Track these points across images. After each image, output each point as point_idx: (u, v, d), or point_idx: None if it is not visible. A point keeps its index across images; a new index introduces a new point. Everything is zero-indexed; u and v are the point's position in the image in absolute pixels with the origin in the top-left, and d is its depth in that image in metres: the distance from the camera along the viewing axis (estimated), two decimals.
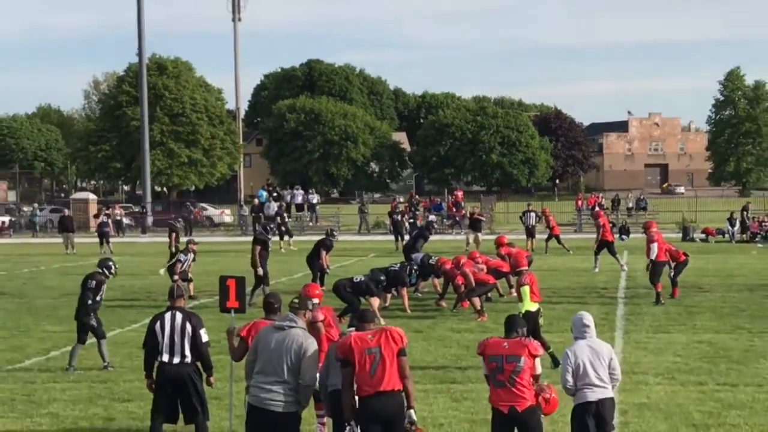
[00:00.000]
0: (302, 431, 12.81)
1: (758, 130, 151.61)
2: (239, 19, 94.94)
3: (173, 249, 38.41)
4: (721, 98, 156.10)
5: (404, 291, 29.76)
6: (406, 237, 58.75)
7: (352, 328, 12.97)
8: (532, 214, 56.52)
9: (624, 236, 51.74)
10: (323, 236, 36.70)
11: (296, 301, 12.93)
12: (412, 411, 12.27)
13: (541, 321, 20.41)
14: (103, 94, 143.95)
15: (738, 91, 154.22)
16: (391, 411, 12.15)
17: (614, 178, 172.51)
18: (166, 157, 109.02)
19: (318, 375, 12.71)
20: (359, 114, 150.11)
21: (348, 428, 12.23)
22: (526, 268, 21.25)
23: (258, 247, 32.77)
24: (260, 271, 32.29)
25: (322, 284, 33.38)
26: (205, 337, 14.60)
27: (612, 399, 12.72)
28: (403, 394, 12.27)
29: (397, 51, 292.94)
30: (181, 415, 14.75)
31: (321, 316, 14.27)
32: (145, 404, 17.69)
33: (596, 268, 40.78)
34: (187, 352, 14.39)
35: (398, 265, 30.84)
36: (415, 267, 31.17)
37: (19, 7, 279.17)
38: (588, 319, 12.94)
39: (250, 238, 38.05)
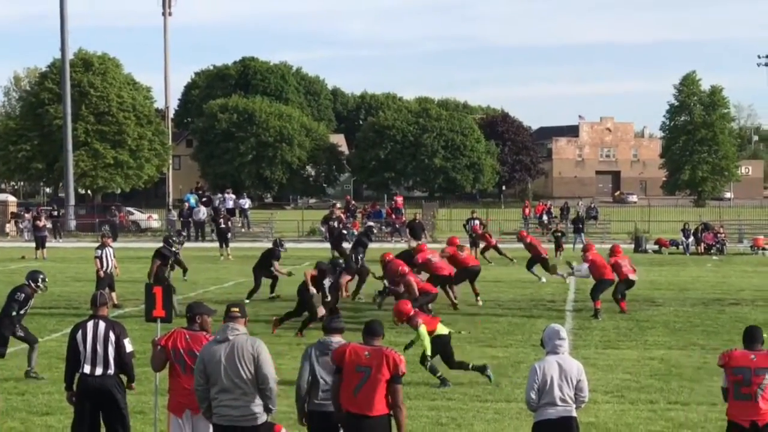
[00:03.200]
0: None
1: (714, 138, 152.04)
2: (170, 14, 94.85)
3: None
4: (676, 103, 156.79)
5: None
6: (344, 244, 59.05)
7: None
8: (476, 222, 56.86)
9: (558, 252, 52.34)
10: (272, 247, 36.79)
11: (235, 309, 12.84)
12: None
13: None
14: (23, 91, 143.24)
15: (694, 96, 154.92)
16: None
17: (564, 185, 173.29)
18: (91, 158, 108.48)
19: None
20: (295, 115, 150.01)
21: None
22: (412, 314, 20.51)
23: (157, 262, 32.30)
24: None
25: (272, 291, 33.87)
26: (129, 347, 14.57)
27: (574, 419, 12.72)
28: (392, 421, 12.30)
29: (336, 49, 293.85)
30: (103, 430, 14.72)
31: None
32: (65, 418, 17.66)
33: (542, 279, 40.99)
34: (111, 363, 14.34)
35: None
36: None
37: None
38: (563, 333, 12.90)
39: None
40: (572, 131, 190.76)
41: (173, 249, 35.08)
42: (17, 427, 17.31)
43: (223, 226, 60.51)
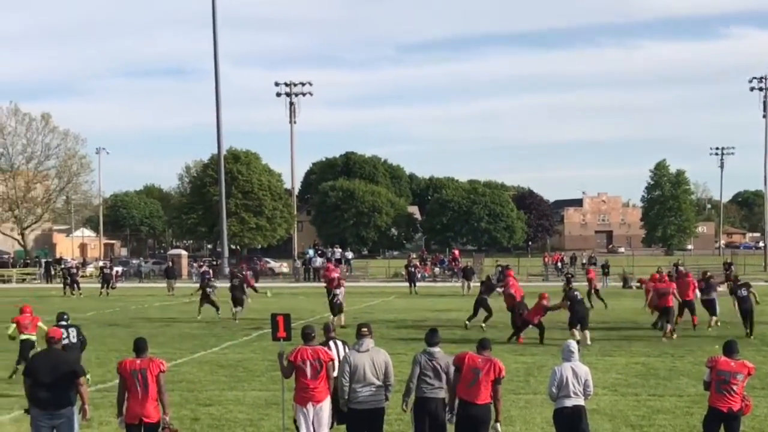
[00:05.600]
0: None
1: (680, 206, 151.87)
2: (294, 122, 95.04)
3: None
4: (652, 182, 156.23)
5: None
6: (418, 284, 58.94)
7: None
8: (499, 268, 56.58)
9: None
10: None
11: (364, 329, 13.02)
12: (498, 424, 12.57)
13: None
14: (192, 176, 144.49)
15: (664, 177, 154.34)
16: (480, 417, 12.36)
17: (572, 240, 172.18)
18: (239, 223, 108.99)
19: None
20: (383, 192, 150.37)
21: (449, 416, 12.63)
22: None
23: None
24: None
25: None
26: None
27: (583, 407, 12.64)
28: (492, 407, 12.49)
29: (411, 145, 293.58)
30: None
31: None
32: (221, 408, 17.64)
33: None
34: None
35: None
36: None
37: (133, 112, 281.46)
38: (574, 347, 12.97)
39: (302, 284, 38.16)
40: (578, 203, 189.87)
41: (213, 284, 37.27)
42: (188, 415, 17.19)
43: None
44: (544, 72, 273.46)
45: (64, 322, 21.07)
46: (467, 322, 32.77)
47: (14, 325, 21.96)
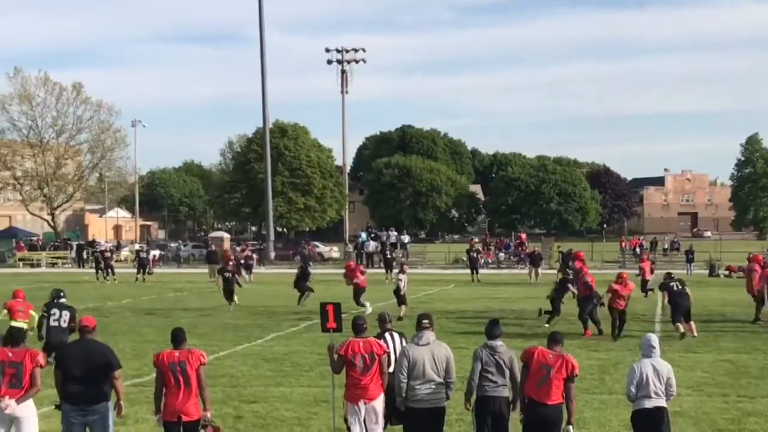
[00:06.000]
0: None
1: None
2: (346, 92, 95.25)
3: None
4: (743, 158, 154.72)
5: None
6: (480, 271, 58.79)
7: None
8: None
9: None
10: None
11: (426, 321, 12.87)
12: (570, 426, 12.39)
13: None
14: (235, 152, 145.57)
15: (756, 153, 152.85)
16: (551, 418, 12.24)
17: (652, 223, 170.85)
18: (286, 204, 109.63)
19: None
20: (443, 170, 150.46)
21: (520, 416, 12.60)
22: None
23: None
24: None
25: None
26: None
27: (665, 408, 12.49)
28: (564, 408, 12.36)
29: (474, 118, 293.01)
30: None
31: None
32: (267, 405, 17.75)
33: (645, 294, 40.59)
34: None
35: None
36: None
37: (170, 82, 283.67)
38: (654, 341, 12.71)
39: None
40: (659, 181, 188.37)
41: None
42: (231, 412, 17.26)
43: (389, 256, 61.05)
44: (620, 35, 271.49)
45: (60, 300, 21.40)
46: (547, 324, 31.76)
47: (5, 311, 22.39)
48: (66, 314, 20.78)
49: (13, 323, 21.70)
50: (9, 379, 12.28)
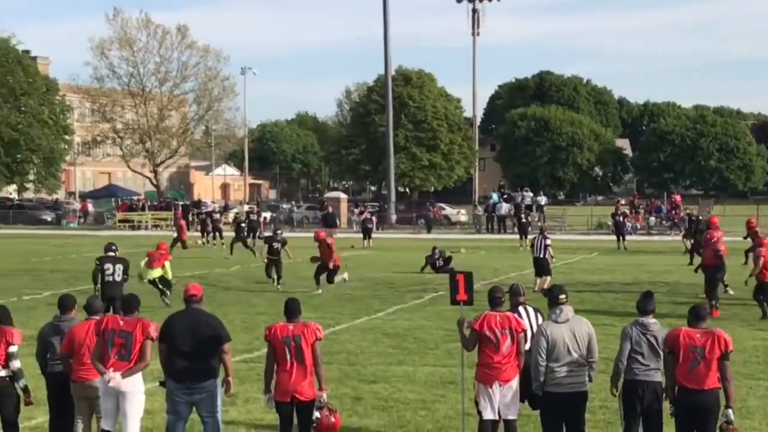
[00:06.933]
0: None
1: None
2: (478, 34, 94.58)
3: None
4: None
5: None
6: (627, 237, 58.19)
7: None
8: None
9: None
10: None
11: (562, 296, 12.73)
12: (729, 410, 11.98)
13: None
14: (354, 103, 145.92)
15: None
16: (707, 406, 11.97)
17: None
18: (409, 161, 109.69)
19: None
20: (585, 122, 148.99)
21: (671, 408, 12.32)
22: None
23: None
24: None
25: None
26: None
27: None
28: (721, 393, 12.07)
29: (622, 63, 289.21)
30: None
31: None
32: (389, 386, 17.91)
33: None
34: None
35: None
36: None
37: (283, 24, 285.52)
38: None
39: (484, 236, 38.14)
40: None
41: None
42: (348, 393, 17.36)
43: (524, 220, 60.72)
44: None
45: (112, 254, 23.35)
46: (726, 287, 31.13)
47: (146, 260, 28.29)
48: (119, 267, 22.65)
49: (150, 272, 27.91)
50: (118, 349, 12.38)
